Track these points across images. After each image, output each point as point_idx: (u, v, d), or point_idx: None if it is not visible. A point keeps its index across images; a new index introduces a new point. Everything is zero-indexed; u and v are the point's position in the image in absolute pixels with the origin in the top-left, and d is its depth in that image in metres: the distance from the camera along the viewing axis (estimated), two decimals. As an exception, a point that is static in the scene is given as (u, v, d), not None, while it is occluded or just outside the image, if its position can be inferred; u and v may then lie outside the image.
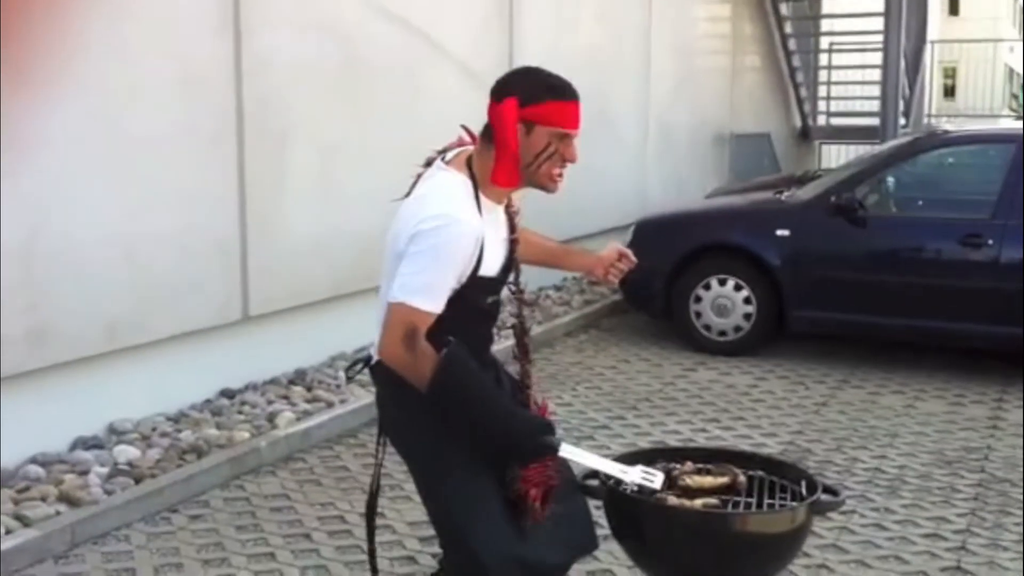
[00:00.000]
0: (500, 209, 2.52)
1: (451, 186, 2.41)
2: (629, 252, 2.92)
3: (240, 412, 4.86)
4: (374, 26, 5.83)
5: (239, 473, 4.33)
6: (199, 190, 4.83)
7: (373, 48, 5.83)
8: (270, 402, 5.00)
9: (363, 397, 5.15)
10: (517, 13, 7.25)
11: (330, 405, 5.02)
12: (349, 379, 2.66)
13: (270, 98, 5.17)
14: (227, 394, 5.05)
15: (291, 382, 5.29)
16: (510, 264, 2.57)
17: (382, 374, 2.52)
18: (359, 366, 2.65)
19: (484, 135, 2.46)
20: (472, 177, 2.43)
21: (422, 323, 2.32)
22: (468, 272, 2.39)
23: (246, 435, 4.56)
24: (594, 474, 3.03)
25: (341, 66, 5.63)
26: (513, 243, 2.58)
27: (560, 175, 2.46)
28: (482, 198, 2.41)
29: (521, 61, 7.38)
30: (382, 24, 5.88)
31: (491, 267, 2.44)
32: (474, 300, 2.46)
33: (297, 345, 5.49)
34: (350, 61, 5.69)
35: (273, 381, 5.28)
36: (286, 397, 5.09)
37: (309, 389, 5.20)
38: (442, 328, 2.34)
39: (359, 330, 5.97)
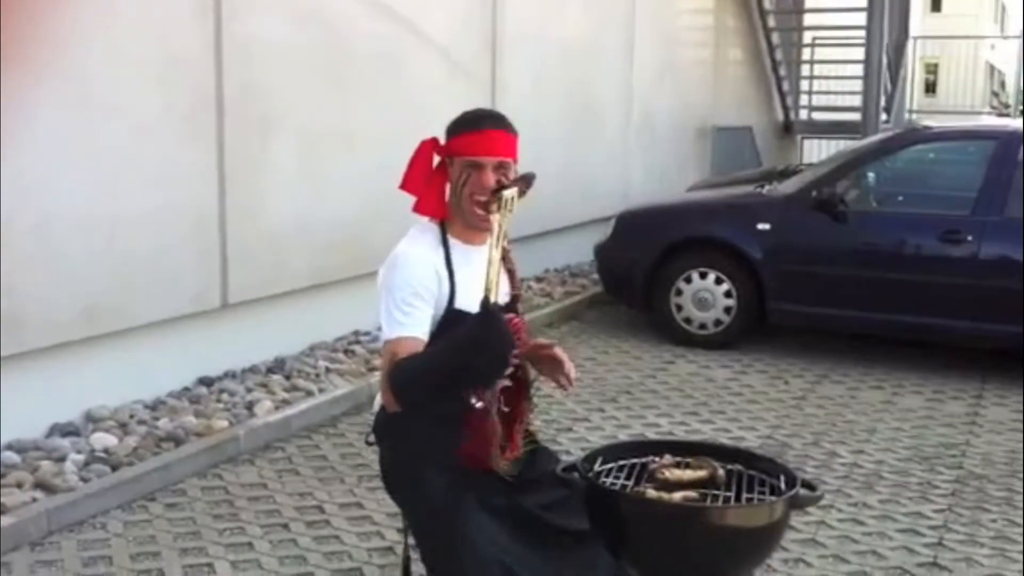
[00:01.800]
0: (481, 248, 2.50)
1: (415, 232, 2.54)
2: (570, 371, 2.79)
3: (219, 400, 4.83)
4: (357, 12, 5.79)
5: (217, 462, 4.31)
6: (178, 176, 4.79)
7: (356, 34, 5.80)
8: (249, 390, 4.98)
9: (342, 386, 5.13)
10: (500, 2, 7.23)
11: (309, 394, 5.00)
12: (369, 444, 2.73)
13: (251, 84, 5.13)
14: (206, 382, 5.02)
15: (270, 370, 5.27)
16: (509, 307, 2.60)
17: (376, 427, 2.63)
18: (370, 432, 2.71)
19: None
20: (442, 223, 2.55)
21: (401, 350, 2.39)
22: (443, 304, 2.46)
23: (224, 423, 4.54)
24: (572, 466, 3.03)
25: (324, 52, 5.59)
26: (511, 274, 2.65)
27: (480, 207, 2.45)
28: (450, 239, 2.52)
29: (504, 50, 7.37)
30: (365, 10, 5.85)
31: (470, 302, 2.43)
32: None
33: (276, 333, 5.47)
34: (333, 47, 5.65)
35: (252, 369, 5.25)
36: (265, 385, 5.06)
37: (288, 378, 5.18)
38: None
39: (339, 318, 5.99)
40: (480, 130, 2.50)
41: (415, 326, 2.41)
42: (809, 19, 14.57)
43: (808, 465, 4.53)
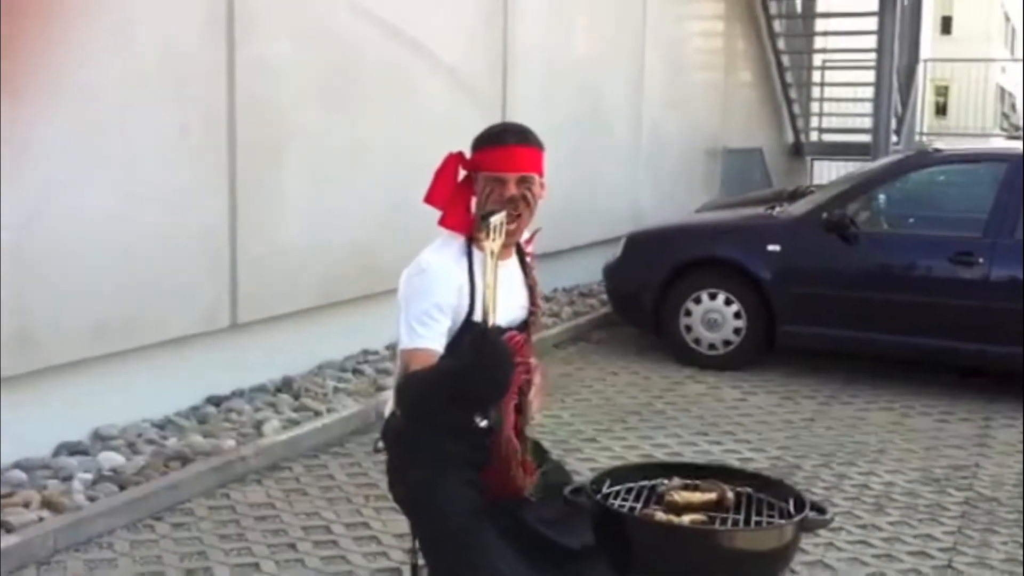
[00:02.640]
0: (508, 263, 2.56)
1: (439, 242, 2.56)
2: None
3: (226, 420, 4.83)
4: (367, 32, 5.82)
5: (224, 481, 4.30)
6: (189, 195, 4.82)
7: (366, 54, 5.83)
8: (257, 410, 4.97)
9: (350, 406, 5.13)
10: (510, 24, 7.26)
11: (317, 414, 5.00)
12: (377, 451, 2.73)
13: (263, 103, 5.16)
14: (214, 401, 5.02)
15: (278, 389, 5.27)
16: (525, 323, 2.62)
17: (386, 433, 2.61)
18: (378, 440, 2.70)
19: None
20: (469, 235, 2.55)
21: (416, 361, 2.40)
22: (461, 317, 2.47)
23: (232, 443, 4.54)
24: (581, 489, 3.02)
25: (334, 71, 5.62)
26: (531, 290, 2.65)
27: (512, 219, 2.47)
28: (475, 251, 2.51)
29: (514, 72, 7.39)
30: (375, 30, 5.88)
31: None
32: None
33: (285, 352, 5.47)
34: (343, 66, 5.68)
35: (260, 388, 5.25)
36: (273, 405, 5.06)
37: (296, 397, 5.18)
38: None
39: (347, 337, 5.99)
40: (503, 145, 2.52)
41: (432, 338, 2.43)
42: (819, 42, 14.59)
43: (818, 486, 4.50)
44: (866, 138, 12.66)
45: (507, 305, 2.53)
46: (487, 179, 2.50)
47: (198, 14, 4.79)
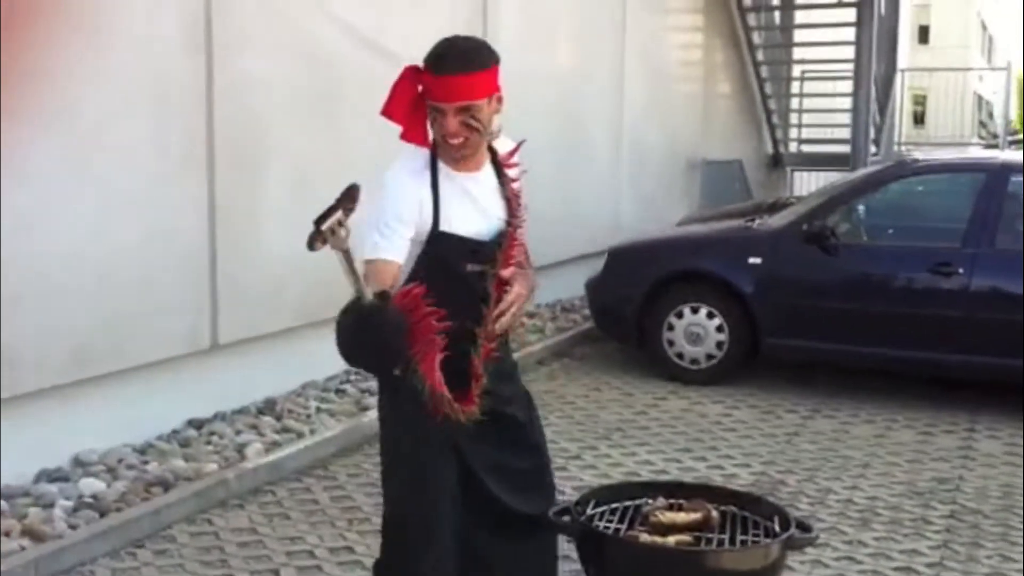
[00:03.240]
0: (475, 175, 2.56)
1: (404, 156, 2.55)
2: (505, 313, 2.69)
3: (208, 443, 4.80)
4: (347, 48, 5.81)
5: (206, 506, 4.26)
6: (169, 215, 4.79)
7: (347, 70, 5.81)
8: (239, 432, 4.94)
9: (333, 427, 5.10)
10: (490, 37, 7.24)
11: (300, 436, 4.97)
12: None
13: (242, 120, 5.14)
14: (195, 424, 4.99)
15: (260, 411, 5.23)
16: (500, 237, 2.57)
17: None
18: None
19: None
20: (434, 145, 2.53)
21: (375, 272, 2.43)
22: (427, 229, 2.47)
23: (214, 467, 4.50)
24: (565, 510, 3.01)
25: (315, 87, 5.60)
26: (509, 201, 2.60)
27: (453, 136, 2.47)
28: (440, 164, 2.52)
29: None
30: (355, 45, 5.86)
31: (456, 226, 2.48)
32: (445, 261, 2.49)
33: (267, 373, 5.44)
34: (324, 83, 5.66)
35: (242, 411, 5.22)
36: (255, 427, 5.02)
37: (279, 419, 5.15)
38: (424, 292, 2.41)
39: (330, 357, 5.88)
40: (441, 75, 2.45)
41: (391, 249, 2.45)
42: (798, 53, 14.67)
43: (802, 502, 4.50)
44: (845, 149, 12.72)
45: (484, 216, 2.53)
46: (430, 106, 2.47)
47: (177, 33, 4.77)
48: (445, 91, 2.45)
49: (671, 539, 2.68)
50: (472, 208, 2.53)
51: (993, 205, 6.23)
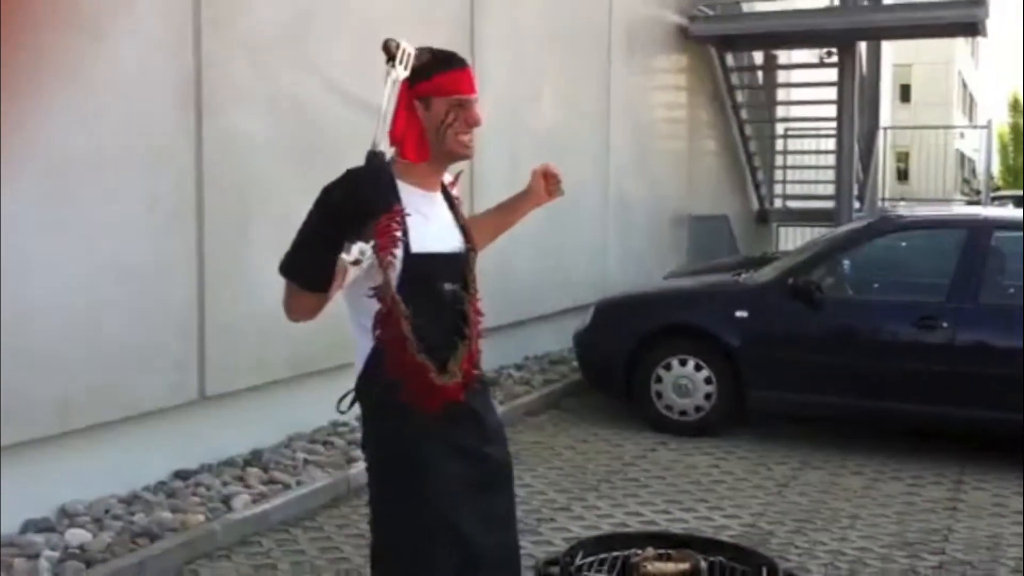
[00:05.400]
0: (435, 195, 2.56)
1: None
2: (551, 166, 2.96)
3: (195, 494, 4.77)
4: (333, 102, 5.87)
5: (192, 558, 4.23)
6: (157, 268, 4.81)
7: (333, 124, 5.86)
8: (225, 484, 4.91)
9: (320, 479, 5.08)
10: (478, 93, 7.33)
11: (287, 487, 4.94)
12: (341, 412, 2.60)
13: (231, 175, 5.18)
14: (181, 475, 4.96)
15: (247, 463, 5.21)
16: (467, 256, 2.56)
17: (361, 393, 2.54)
18: (348, 398, 2.59)
19: None
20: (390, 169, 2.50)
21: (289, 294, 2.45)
22: (399, 253, 2.39)
23: (201, 518, 4.47)
24: (554, 561, 3.01)
25: (301, 141, 5.65)
26: (463, 228, 2.60)
27: (469, 140, 2.53)
28: (400, 183, 2.48)
29: (480, 142, 7.42)
30: (341, 100, 5.93)
31: (426, 245, 2.44)
32: (424, 283, 2.44)
33: (254, 424, 5.42)
34: (312, 137, 5.72)
35: (229, 462, 5.19)
36: (242, 479, 5.00)
37: (265, 470, 5.12)
38: (407, 316, 2.38)
39: (317, 409, 5.93)
40: (462, 68, 2.52)
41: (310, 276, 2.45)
42: (781, 111, 14.90)
43: (791, 553, 4.49)
44: (829, 204, 12.87)
45: (442, 241, 2.50)
46: (449, 103, 2.49)
47: (166, 85, 4.83)
48: (469, 82, 2.53)
49: (660, 589, 2.69)
50: (436, 232, 2.50)
51: (977, 260, 6.30)
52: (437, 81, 2.49)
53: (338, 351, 5.68)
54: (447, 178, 2.67)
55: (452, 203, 2.64)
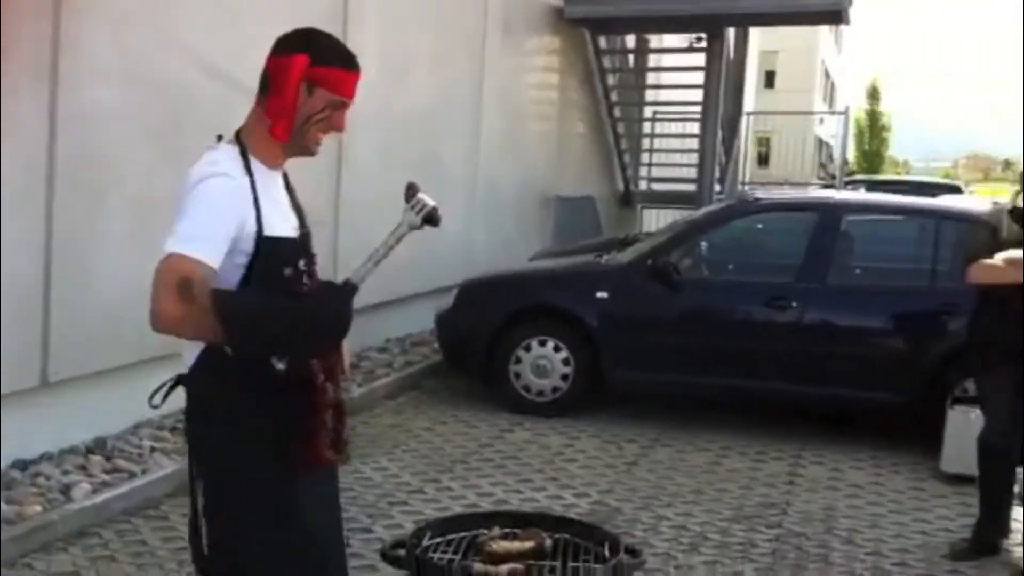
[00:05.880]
0: (278, 175, 2.48)
1: (215, 154, 2.37)
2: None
3: (33, 484, 4.58)
4: (198, 80, 5.71)
5: (28, 551, 4.07)
6: (1, 248, 4.59)
7: (197, 102, 5.69)
8: (66, 473, 4.74)
9: (167, 466, 4.96)
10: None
11: (132, 475, 4.81)
12: (154, 407, 2.47)
13: (86, 149, 4.98)
14: (19, 465, 4.76)
15: (90, 451, 5.04)
16: (306, 239, 2.51)
17: (193, 386, 2.42)
18: (167, 385, 2.48)
19: (260, 93, 2.44)
20: (240, 144, 2.40)
21: (196, 272, 2.20)
22: (252, 233, 2.31)
23: (38, 508, 4.31)
24: (400, 543, 3.01)
25: (160, 118, 5.47)
26: (299, 211, 2.53)
27: (321, 141, 2.46)
28: (253, 161, 2.38)
29: (353, 121, 7.31)
30: (202, 77, 5.77)
31: (275, 228, 2.37)
32: (271, 268, 2.35)
33: (99, 411, 5.25)
34: (173, 115, 5.54)
35: (71, 450, 5.01)
36: (84, 467, 4.83)
37: (109, 459, 4.97)
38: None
39: (168, 396, 5.78)
40: (353, 71, 2.43)
41: (215, 255, 2.23)
42: (650, 95, 15.13)
43: (637, 529, 4.60)
44: (692, 187, 13.15)
45: (283, 221, 2.43)
46: (331, 101, 2.40)
47: (19, 60, 4.60)
48: (354, 88, 2.45)
49: (504, 568, 2.72)
50: (278, 212, 2.41)
51: (826, 242, 6.54)
52: (334, 75, 2.41)
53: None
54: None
55: (288, 183, 2.59)
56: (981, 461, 4.49)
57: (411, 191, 2.42)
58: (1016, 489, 4.61)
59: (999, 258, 4.25)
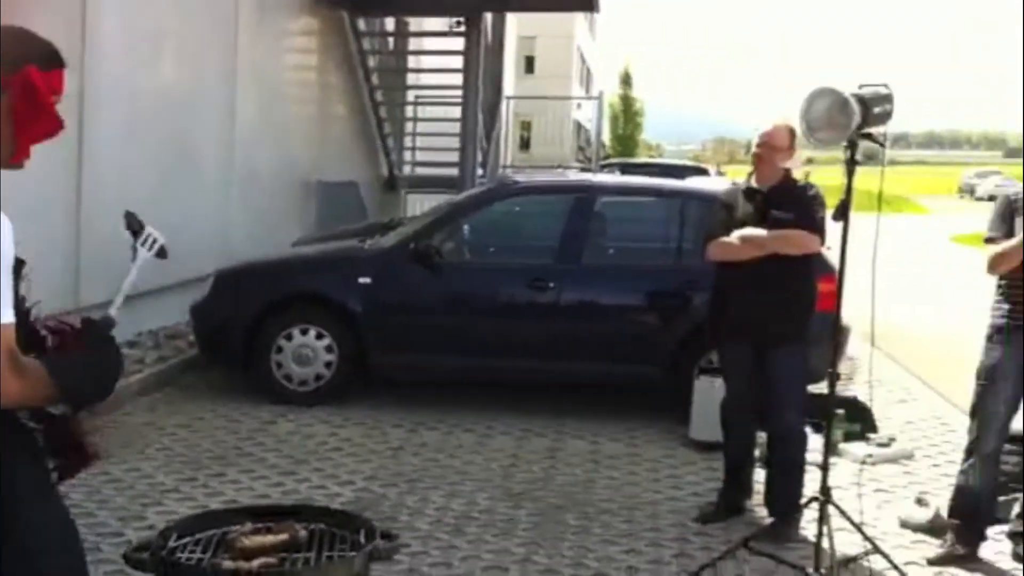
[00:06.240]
0: None
1: None
2: None
3: None
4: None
5: None
6: None
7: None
8: None
9: None
10: (88, 52, 6.80)
11: None
12: None
13: None
14: None
15: None
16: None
17: None
18: None
19: None
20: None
21: (12, 339, 1.96)
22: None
23: None
24: (145, 546, 2.86)
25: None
26: None
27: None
28: None
29: (94, 102, 6.94)
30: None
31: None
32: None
33: None
34: None
35: None
36: None
37: None
38: None
39: None
40: (63, 68, 2.11)
41: (9, 307, 1.98)
42: (412, 78, 15.12)
43: (403, 513, 4.60)
44: (455, 171, 13.27)
45: None
46: (41, 107, 2.05)
47: None
48: (63, 83, 2.13)
49: (255, 562, 2.65)
50: None
51: (581, 224, 6.74)
52: (48, 76, 2.08)
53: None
54: None
55: None
56: (723, 427, 4.78)
57: (134, 223, 2.29)
58: (756, 452, 4.92)
59: (734, 236, 4.51)
